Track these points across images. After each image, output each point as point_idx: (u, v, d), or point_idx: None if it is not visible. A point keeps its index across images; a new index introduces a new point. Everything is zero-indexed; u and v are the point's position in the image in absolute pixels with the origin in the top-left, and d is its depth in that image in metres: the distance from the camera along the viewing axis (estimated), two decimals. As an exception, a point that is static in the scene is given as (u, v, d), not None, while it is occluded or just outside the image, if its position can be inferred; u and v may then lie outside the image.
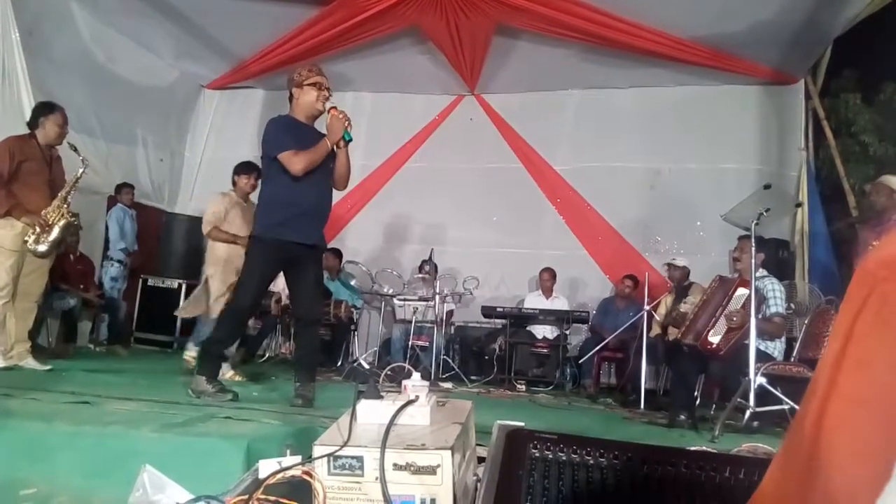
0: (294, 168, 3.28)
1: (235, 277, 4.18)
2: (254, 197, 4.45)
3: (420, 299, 6.22)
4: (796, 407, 3.39)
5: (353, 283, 6.96)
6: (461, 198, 7.51)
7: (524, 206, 7.36)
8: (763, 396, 3.54)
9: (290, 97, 3.52)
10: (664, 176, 7.11)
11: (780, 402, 3.52)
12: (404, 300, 6.31)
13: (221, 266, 4.74)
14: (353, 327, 6.75)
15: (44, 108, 4.26)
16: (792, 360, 4.05)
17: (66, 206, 4.11)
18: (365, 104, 7.99)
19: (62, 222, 4.05)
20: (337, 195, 3.71)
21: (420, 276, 6.69)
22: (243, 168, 4.97)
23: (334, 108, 3.40)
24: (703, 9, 5.59)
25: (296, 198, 3.36)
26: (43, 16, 5.84)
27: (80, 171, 4.21)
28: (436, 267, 6.64)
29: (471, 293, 6.64)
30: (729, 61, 6.37)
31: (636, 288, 6.24)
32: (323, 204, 3.51)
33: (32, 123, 4.20)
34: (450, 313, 6.60)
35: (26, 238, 3.96)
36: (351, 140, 3.41)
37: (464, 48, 6.66)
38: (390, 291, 6.72)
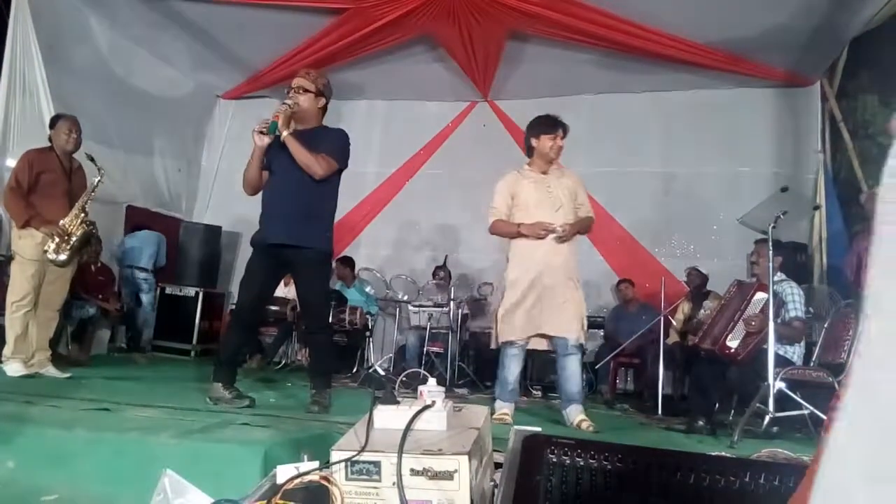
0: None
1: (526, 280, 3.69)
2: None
3: (435, 305, 6.23)
4: (816, 412, 3.36)
5: (368, 289, 6.98)
6: (475, 204, 7.46)
7: (538, 212, 7.32)
8: (782, 401, 3.50)
9: None
10: (679, 180, 7.06)
11: (799, 407, 3.47)
12: (419, 306, 6.32)
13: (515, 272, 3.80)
14: (368, 334, 6.77)
15: (53, 120, 4.38)
16: (811, 364, 4.00)
17: (83, 215, 4.17)
18: (378, 112, 8.04)
19: (80, 231, 4.11)
20: (351, 202, 3.70)
21: (434, 282, 6.70)
22: (545, 124, 3.91)
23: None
24: (718, 13, 5.56)
25: (266, 200, 3.45)
26: (63, 30, 5.94)
27: (97, 180, 4.27)
28: (450, 273, 6.64)
29: (486, 299, 6.63)
30: (744, 64, 6.32)
31: (634, 287, 6.32)
32: (292, 201, 3.34)
33: (49, 137, 4.31)
34: (464, 319, 6.60)
35: (46, 248, 4.02)
36: (276, 133, 3.27)
37: (476, 55, 6.68)
38: (405, 298, 6.74)
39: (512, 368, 3.78)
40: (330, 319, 4.95)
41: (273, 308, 6.13)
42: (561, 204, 3.76)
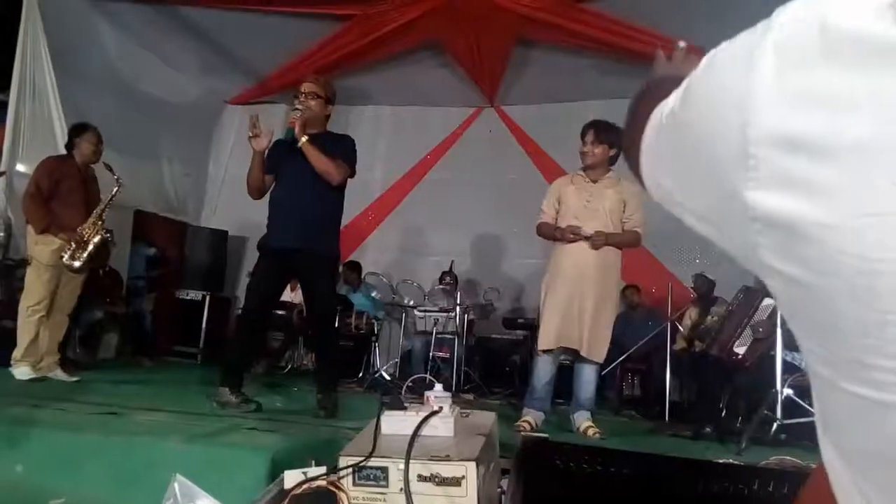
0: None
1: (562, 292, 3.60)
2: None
3: (441, 310, 6.22)
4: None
5: (374, 294, 6.99)
6: (481, 209, 7.51)
7: (545, 218, 7.33)
8: (790, 408, 3.48)
9: None
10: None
11: (808, 414, 3.45)
12: (425, 311, 6.31)
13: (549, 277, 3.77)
14: (374, 339, 6.76)
15: (78, 129, 4.43)
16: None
17: (100, 222, 4.23)
18: (385, 118, 8.06)
19: (97, 238, 4.17)
20: (357, 207, 3.72)
21: (441, 287, 6.69)
22: (599, 127, 3.81)
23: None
24: (724, 18, 5.55)
25: (273, 205, 3.48)
26: (72, 36, 5.98)
27: (115, 189, 4.37)
28: (456, 278, 6.64)
29: (492, 304, 6.62)
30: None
31: (641, 293, 6.35)
32: (299, 206, 3.37)
33: (69, 145, 4.38)
34: (471, 324, 6.59)
35: (62, 254, 4.07)
36: (293, 138, 3.33)
37: (483, 61, 6.69)
38: (411, 303, 6.73)
39: (540, 375, 3.70)
40: (336, 324, 4.96)
41: (280, 313, 6.14)
42: (596, 213, 3.66)
